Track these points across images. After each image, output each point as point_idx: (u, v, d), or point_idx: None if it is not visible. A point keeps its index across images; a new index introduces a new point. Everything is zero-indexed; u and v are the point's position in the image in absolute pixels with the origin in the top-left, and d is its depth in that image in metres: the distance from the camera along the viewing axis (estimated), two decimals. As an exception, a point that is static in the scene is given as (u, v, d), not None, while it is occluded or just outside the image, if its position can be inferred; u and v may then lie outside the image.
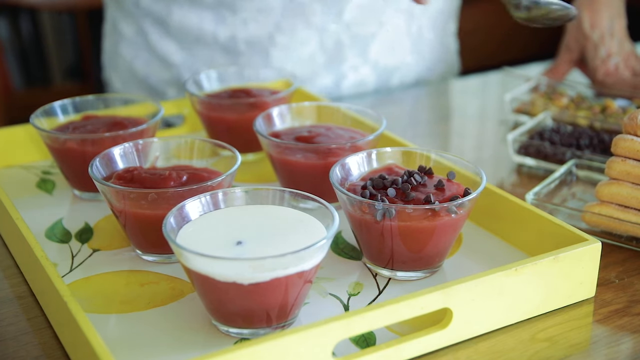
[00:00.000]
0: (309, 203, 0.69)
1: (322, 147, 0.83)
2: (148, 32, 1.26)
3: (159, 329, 0.66)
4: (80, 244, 0.80)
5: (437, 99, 1.36)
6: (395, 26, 1.30)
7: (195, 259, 0.62)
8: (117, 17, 1.30)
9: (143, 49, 1.28)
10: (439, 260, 0.74)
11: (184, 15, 1.23)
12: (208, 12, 1.22)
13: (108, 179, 0.77)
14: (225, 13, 1.22)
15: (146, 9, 1.25)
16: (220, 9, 1.22)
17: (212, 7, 1.22)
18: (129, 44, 1.29)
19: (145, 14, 1.25)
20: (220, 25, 1.22)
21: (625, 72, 1.19)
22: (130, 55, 1.29)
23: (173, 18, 1.23)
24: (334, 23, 1.24)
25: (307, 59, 1.27)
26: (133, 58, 1.29)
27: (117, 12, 1.30)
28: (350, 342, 0.65)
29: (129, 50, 1.29)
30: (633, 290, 0.74)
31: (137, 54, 1.29)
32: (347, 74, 1.30)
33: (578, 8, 1.22)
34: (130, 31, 1.28)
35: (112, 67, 1.34)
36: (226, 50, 1.24)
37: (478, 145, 1.15)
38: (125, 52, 1.30)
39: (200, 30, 1.23)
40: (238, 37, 1.23)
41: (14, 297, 0.73)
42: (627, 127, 0.81)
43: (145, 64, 1.28)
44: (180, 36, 1.25)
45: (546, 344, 0.66)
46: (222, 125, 0.99)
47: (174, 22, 1.24)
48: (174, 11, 1.23)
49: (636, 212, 0.79)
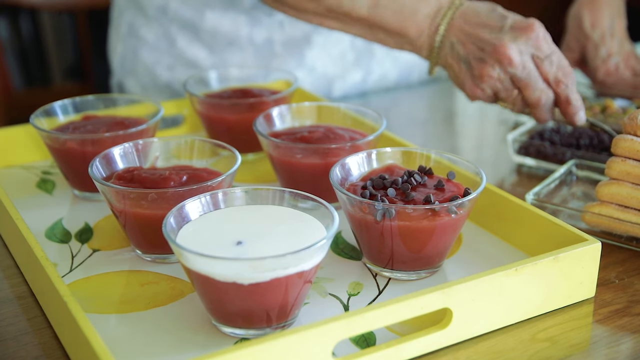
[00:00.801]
0: (309, 203, 0.69)
1: (322, 147, 0.83)
2: (175, 38, 1.25)
3: (159, 329, 0.66)
4: (80, 244, 0.80)
5: (438, 99, 1.36)
6: None
7: (195, 259, 0.62)
8: (136, 21, 1.28)
9: (166, 53, 1.27)
10: (439, 260, 0.74)
11: (217, 19, 1.22)
12: (243, 15, 1.22)
13: (108, 179, 0.77)
14: (260, 15, 1.22)
15: (175, 14, 1.24)
16: (255, 11, 1.21)
17: (246, 10, 1.22)
18: (150, 48, 1.28)
19: (173, 19, 1.24)
20: (256, 28, 1.22)
21: (626, 72, 1.19)
22: (152, 60, 1.28)
23: (205, 22, 1.23)
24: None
25: (338, 57, 1.28)
26: (155, 62, 1.28)
27: (137, 17, 1.28)
28: (350, 342, 0.65)
29: (150, 54, 1.28)
30: (633, 290, 0.74)
31: (159, 59, 1.28)
32: (374, 69, 1.33)
33: (579, 8, 1.22)
34: (152, 36, 1.27)
35: (129, 72, 1.33)
36: (261, 53, 1.24)
37: (478, 145, 1.15)
38: (146, 57, 1.28)
39: (235, 34, 1.23)
40: (275, 39, 1.24)
41: (14, 297, 0.73)
42: (627, 127, 0.81)
43: (167, 69, 1.28)
44: (211, 40, 1.24)
45: (546, 344, 0.66)
46: (222, 125, 0.99)
47: (206, 26, 1.23)
48: (206, 15, 1.22)
49: (636, 212, 0.79)
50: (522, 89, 0.93)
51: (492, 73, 0.92)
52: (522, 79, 0.92)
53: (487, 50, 0.91)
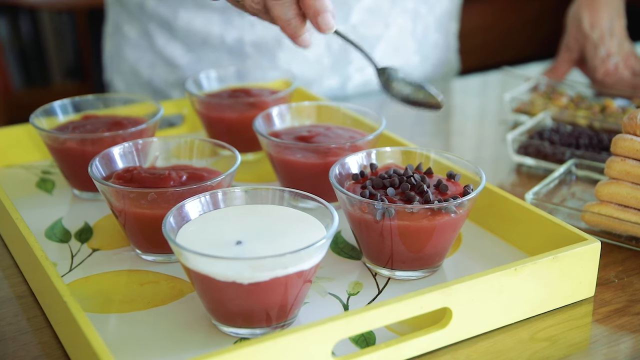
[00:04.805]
0: (309, 203, 0.69)
1: (321, 147, 0.83)
2: (153, 35, 1.26)
3: (159, 328, 0.66)
4: (80, 243, 0.80)
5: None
6: (400, 27, 1.30)
7: (195, 259, 0.62)
8: (120, 19, 1.30)
9: (147, 51, 1.28)
10: (439, 260, 0.74)
11: (190, 18, 1.23)
12: (215, 14, 1.22)
13: (108, 178, 0.78)
14: (232, 16, 1.22)
15: (151, 12, 1.25)
16: (227, 11, 1.22)
17: (219, 10, 1.22)
18: (133, 46, 1.29)
19: (151, 16, 1.25)
20: (228, 28, 1.22)
21: (625, 71, 1.19)
22: (134, 57, 1.29)
23: (179, 21, 1.23)
24: (341, 25, 1.24)
25: (313, 61, 1.27)
26: (137, 60, 1.29)
27: (121, 14, 1.29)
28: (350, 342, 0.65)
29: (133, 52, 1.29)
30: (632, 289, 0.74)
31: (141, 56, 1.29)
32: (353, 76, 1.31)
33: (578, 7, 1.22)
34: (135, 33, 1.28)
35: (115, 69, 1.34)
36: (233, 52, 1.24)
37: (478, 145, 1.15)
38: (129, 54, 1.29)
39: (207, 33, 1.23)
40: (245, 40, 1.24)
41: (13, 297, 0.73)
42: (626, 127, 0.81)
43: (149, 66, 1.28)
44: (186, 39, 1.25)
45: (545, 343, 0.66)
46: (221, 125, 0.99)
47: (180, 24, 1.24)
48: (180, 14, 1.23)
49: (635, 211, 0.79)
50: None
51: None
52: None
53: None
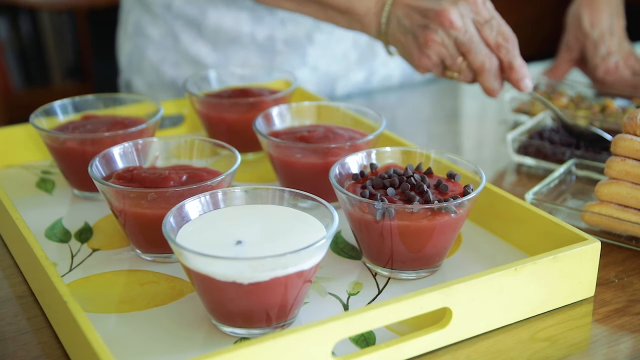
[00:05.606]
0: (309, 203, 0.69)
1: (321, 147, 0.83)
2: (179, 35, 1.26)
3: (159, 328, 0.66)
4: (80, 243, 0.80)
5: (437, 99, 1.36)
6: None
7: (195, 259, 0.62)
8: (143, 19, 1.29)
9: (172, 50, 1.27)
10: (439, 260, 0.74)
11: (219, 16, 1.23)
12: (245, 13, 1.22)
13: (108, 178, 0.78)
14: (262, 13, 1.22)
15: (178, 12, 1.25)
16: (257, 9, 1.22)
17: (249, 8, 1.22)
18: (156, 47, 1.28)
19: (177, 16, 1.25)
20: (258, 26, 1.23)
21: (625, 71, 1.20)
22: (158, 58, 1.29)
23: (208, 20, 1.23)
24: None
25: (340, 56, 1.29)
26: (160, 60, 1.29)
27: (143, 15, 1.29)
28: (350, 342, 0.65)
29: (156, 52, 1.29)
30: (632, 289, 0.74)
31: (165, 57, 1.28)
32: (378, 69, 1.34)
33: (578, 7, 1.22)
34: (158, 33, 1.27)
35: (136, 70, 1.33)
36: (263, 50, 1.25)
37: (478, 145, 1.15)
38: (153, 55, 1.29)
39: (237, 31, 1.24)
40: (276, 37, 1.24)
41: (13, 297, 0.73)
42: (626, 127, 0.81)
43: (173, 66, 1.28)
44: (214, 38, 1.25)
45: (545, 343, 0.66)
46: (222, 125, 0.99)
47: (208, 23, 1.24)
48: (209, 13, 1.23)
49: (635, 211, 0.79)
50: (465, 53, 0.95)
51: (436, 37, 0.94)
52: (465, 43, 0.94)
53: (430, 17, 0.94)
